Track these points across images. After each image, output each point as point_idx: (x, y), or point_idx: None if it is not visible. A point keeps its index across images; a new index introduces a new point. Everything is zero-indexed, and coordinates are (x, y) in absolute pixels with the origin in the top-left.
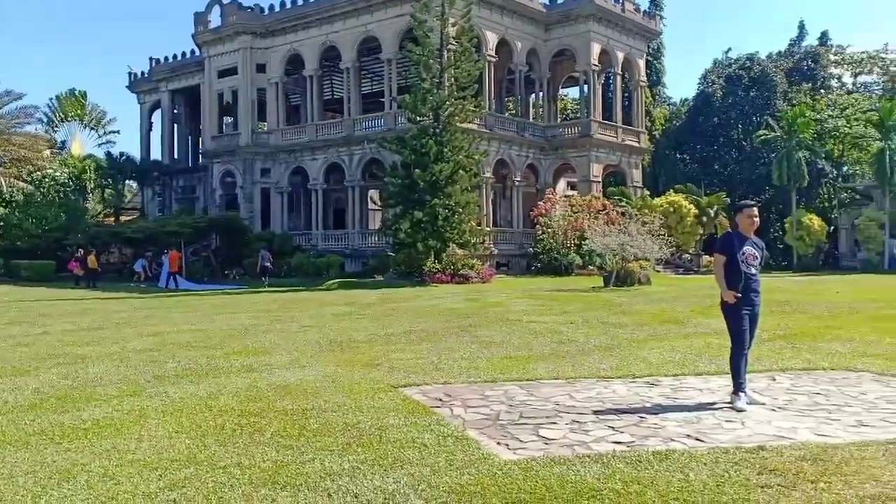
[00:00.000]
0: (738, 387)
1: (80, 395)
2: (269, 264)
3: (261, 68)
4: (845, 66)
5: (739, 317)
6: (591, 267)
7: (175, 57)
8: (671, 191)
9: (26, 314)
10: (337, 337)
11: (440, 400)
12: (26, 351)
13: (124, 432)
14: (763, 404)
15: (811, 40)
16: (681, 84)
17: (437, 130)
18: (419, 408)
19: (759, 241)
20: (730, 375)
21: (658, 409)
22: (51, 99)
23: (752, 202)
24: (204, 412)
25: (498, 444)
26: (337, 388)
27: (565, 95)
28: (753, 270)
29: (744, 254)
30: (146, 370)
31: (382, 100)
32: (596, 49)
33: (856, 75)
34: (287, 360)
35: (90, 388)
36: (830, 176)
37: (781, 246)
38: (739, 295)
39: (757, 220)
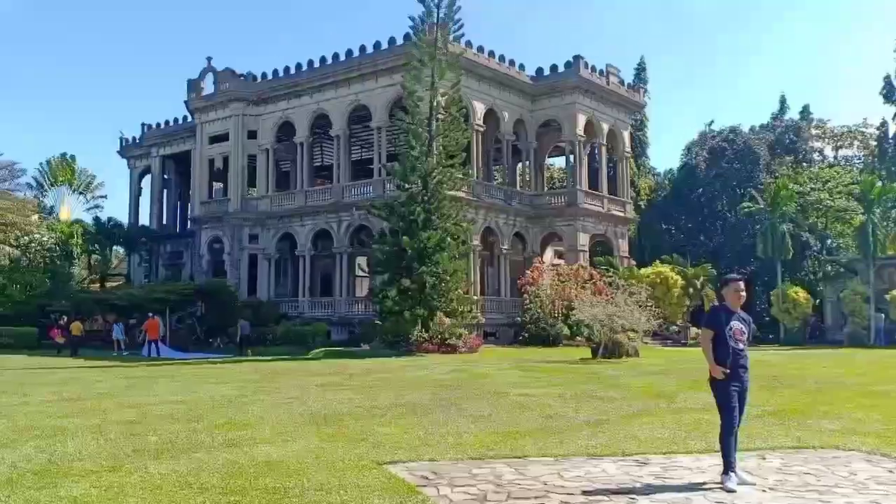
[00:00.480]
0: (728, 466)
1: (57, 470)
2: (249, 334)
3: (252, 134)
4: (826, 139)
5: (728, 393)
6: (579, 337)
7: (167, 123)
8: (658, 261)
9: (6, 383)
10: (321, 409)
11: (426, 478)
12: (4, 423)
13: None
14: (753, 485)
15: (792, 114)
16: (665, 155)
17: (426, 198)
18: (404, 487)
19: (747, 315)
20: (720, 454)
21: (648, 490)
22: (41, 164)
23: (739, 276)
24: (184, 489)
25: None
26: (321, 464)
27: (552, 165)
28: (741, 346)
29: (731, 329)
30: (126, 444)
31: (371, 167)
32: (581, 120)
33: (837, 149)
34: (270, 433)
35: (68, 462)
36: (815, 248)
37: (768, 318)
38: (728, 371)
39: (744, 294)
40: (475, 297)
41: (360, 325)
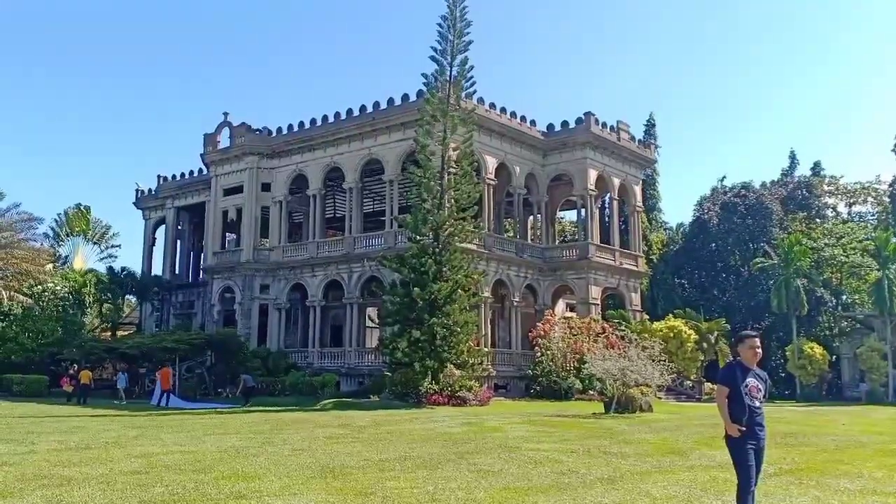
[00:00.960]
0: None
1: None
2: (252, 386)
3: (266, 187)
4: (839, 195)
5: (744, 451)
6: (591, 391)
7: (182, 175)
8: (670, 315)
9: (14, 431)
10: (329, 462)
11: None
12: (11, 471)
13: None
14: None
15: (803, 169)
16: (676, 210)
17: (437, 250)
18: None
19: (762, 372)
20: None
21: None
22: (58, 214)
23: (754, 332)
24: None
25: None
26: None
27: (562, 218)
28: (757, 403)
29: (747, 386)
30: (132, 494)
31: (383, 219)
32: (593, 175)
33: (850, 205)
34: (277, 486)
35: None
36: (830, 304)
37: (783, 374)
38: (743, 428)
39: (759, 350)
40: (486, 350)
41: (370, 377)
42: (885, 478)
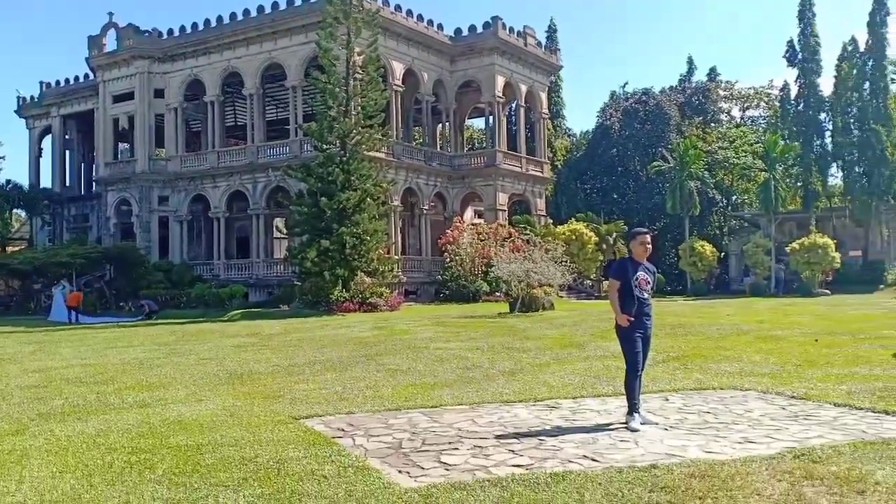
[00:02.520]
0: (633, 407)
1: None
2: (155, 310)
3: (159, 93)
4: (734, 100)
5: (633, 340)
6: (497, 293)
7: (67, 81)
8: (573, 219)
9: None
10: (237, 369)
11: (342, 430)
12: None
13: (4, 473)
14: (656, 424)
15: (700, 75)
16: (579, 116)
17: (344, 159)
18: (320, 439)
19: (651, 266)
20: (625, 397)
21: (557, 432)
22: None
23: (645, 230)
24: (91, 450)
25: (399, 472)
26: (235, 421)
27: (471, 125)
28: (646, 295)
29: (637, 279)
30: (31, 408)
31: (287, 127)
32: (500, 82)
33: (744, 110)
34: (183, 394)
35: None
36: (721, 205)
37: (676, 271)
38: (633, 319)
39: (650, 246)
40: (396, 257)
41: (279, 287)
42: (762, 361)
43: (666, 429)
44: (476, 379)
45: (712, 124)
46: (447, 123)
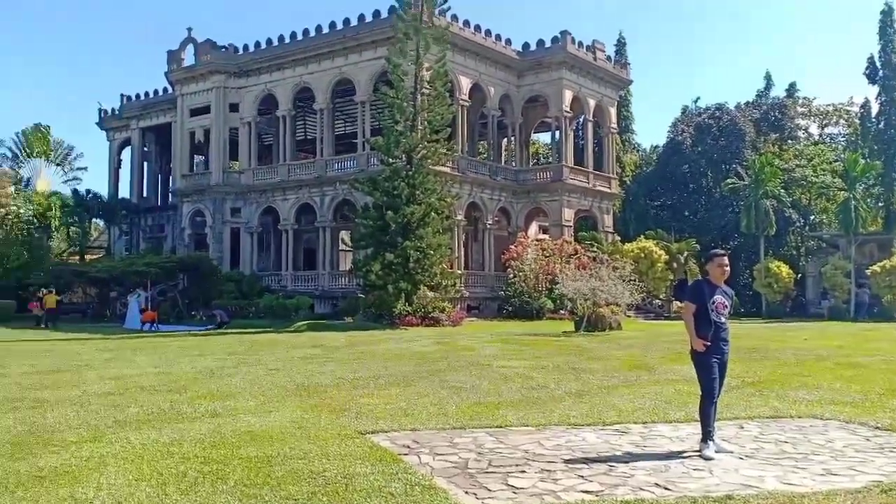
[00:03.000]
0: (707, 435)
1: (37, 441)
2: (226, 321)
3: (234, 107)
4: (812, 117)
5: (709, 365)
6: (562, 311)
7: (146, 94)
8: (642, 237)
9: None
10: (304, 381)
11: (408, 447)
12: None
13: (82, 480)
14: (731, 452)
15: (778, 91)
16: (649, 132)
17: (410, 173)
18: (386, 455)
19: (729, 289)
20: (699, 423)
21: (627, 458)
22: (16, 133)
23: (723, 251)
24: (165, 459)
25: (466, 493)
26: (303, 434)
27: (537, 140)
28: (723, 319)
29: (714, 303)
30: (107, 415)
31: (355, 141)
32: (568, 96)
33: (822, 127)
34: (253, 404)
35: (48, 433)
36: (798, 224)
37: (750, 293)
38: (709, 343)
39: (727, 269)
40: (459, 272)
41: (344, 299)
42: (843, 389)
43: (741, 458)
44: (541, 399)
45: (789, 141)
46: (513, 138)
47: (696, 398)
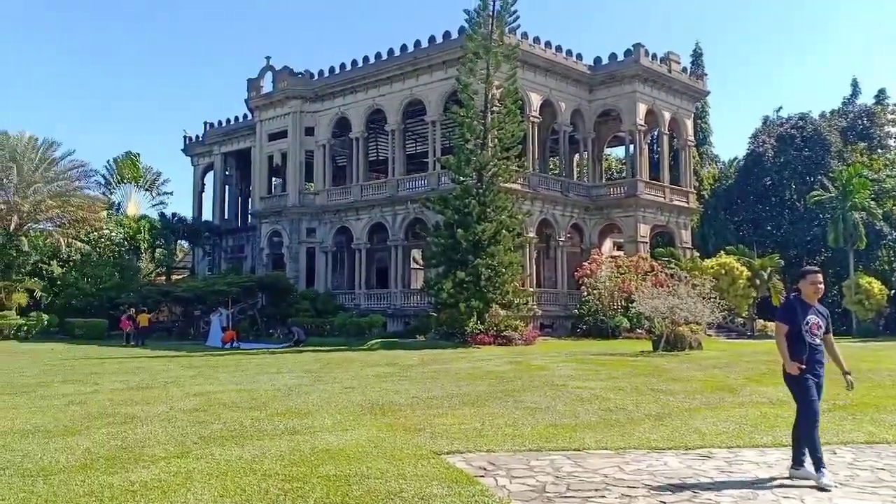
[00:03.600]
0: (819, 462)
1: (128, 456)
2: (302, 338)
3: (309, 131)
4: None
5: (806, 386)
6: (638, 330)
7: (228, 121)
8: (722, 252)
9: (78, 372)
10: (379, 399)
11: (484, 469)
12: (78, 410)
13: (171, 495)
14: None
15: (866, 98)
16: (727, 143)
17: (481, 191)
18: (463, 477)
19: (824, 308)
20: (789, 448)
21: (712, 485)
22: (108, 161)
23: (816, 268)
24: (248, 476)
25: None
26: (379, 453)
27: (609, 155)
28: (818, 340)
29: (808, 323)
30: (193, 431)
31: (426, 160)
32: (642, 109)
33: None
34: (330, 422)
35: (138, 448)
36: (890, 238)
37: (839, 310)
38: (803, 366)
39: (821, 286)
40: (531, 290)
41: (416, 317)
42: None
43: (836, 486)
44: (620, 422)
45: (879, 150)
46: (585, 153)
47: (783, 421)
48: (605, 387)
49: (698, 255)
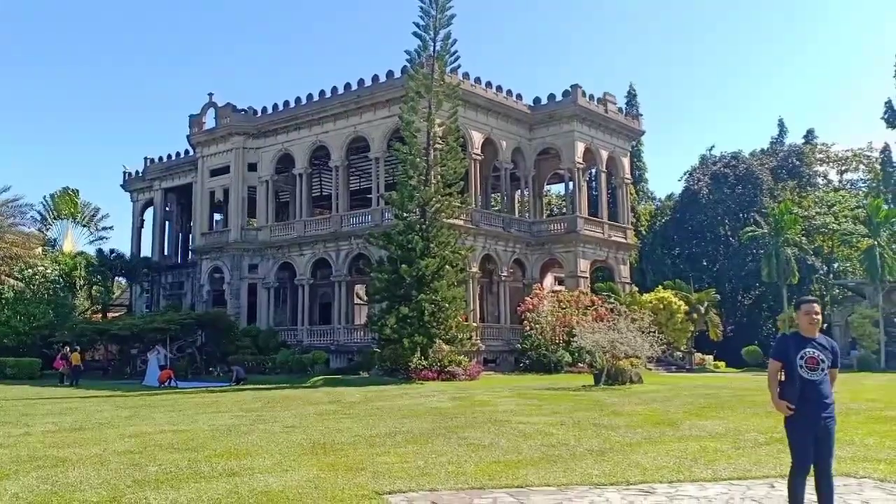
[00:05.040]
0: None
1: (58, 501)
2: (243, 378)
3: (252, 167)
4: (831, 163)
5: (798, 430)
6: (580, 364)
7: (169, 157)
8: (660, 287)
9: (9, 413)
10: (320, 438)
11: None
12: (6, 453)
13: None
14: None
15: (795, 137)
16: (663, 181)
17: (424, 226)
18: None
19: (829, 341)
20: (728, 482)
21: None
22: (45, 197)
23: (812, 298)
24: None
25: None
26: (320, 494)
27: (549, 191)
28: (817, 377)
29: (803, 357)
30: (127, 474)
31: (370, 196)
32: (580, 148)
33: (841, 173)
34: (269, 463)
35: (69, 493)
36: (821, 272)
37: (774, 343)
38: (793, 408)
39: (817, 317)
40: (474, 325)
41: (359, 353)
42: (876, 445)
43: None
44: (562, 457)
45: (808, 188)
46: (526, 190)
47: (722, 455)
48: (548, 422)
49: (637, 289)
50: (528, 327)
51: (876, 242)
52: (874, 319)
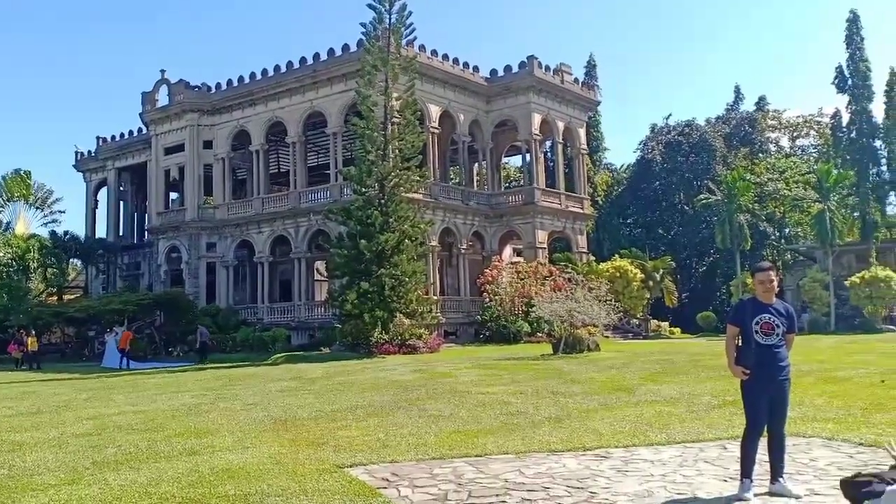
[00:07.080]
0: (744, 472)
1: (16, 485)
2: (207, 341)
3: (208, 144)
4: (782, 130)
5: (753, 393)
6: (539, 334)
7: (122, 135)
8: (616, 256)
9: None
10: (282, 415)
11: (387, 480)
12: None
13: None
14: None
15: (748, 104)
16: (621, 151)
17: (383, 201)
18: (365, 489)
19: (785, 306)
20: (682, 445)
21: (608, 484)
22: None
23: (767, 264)
24: (143, 500)
25: None
26: (281, 470)
27: (508, 164)
28: (772, 341)
29: (758, 323)
30: (85, 456)
31: (328, 172)
32: (537, 119)
33: (793, 139)
34: (230, 441)
35: (27, 477)
36: (773, 238)
37: (728, 308)
38: (748, 372)
39: (773, 284)
40: (435, 298)
41: (321, 329)
42: (825, 405)
43: (725, 480)
44: (521, 426)
45: (760, 155)
46: (484, 163)
47: (676, 419)
48: (508, 391)
49: (594, 259)
50: (487, 299)
51: (826, 207)
52: (825, 283)
